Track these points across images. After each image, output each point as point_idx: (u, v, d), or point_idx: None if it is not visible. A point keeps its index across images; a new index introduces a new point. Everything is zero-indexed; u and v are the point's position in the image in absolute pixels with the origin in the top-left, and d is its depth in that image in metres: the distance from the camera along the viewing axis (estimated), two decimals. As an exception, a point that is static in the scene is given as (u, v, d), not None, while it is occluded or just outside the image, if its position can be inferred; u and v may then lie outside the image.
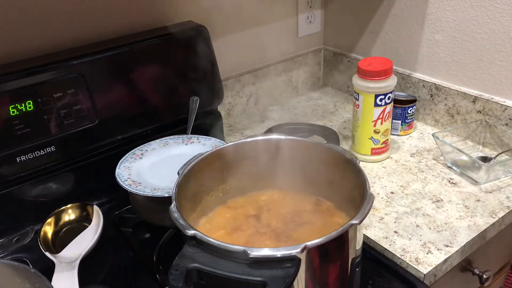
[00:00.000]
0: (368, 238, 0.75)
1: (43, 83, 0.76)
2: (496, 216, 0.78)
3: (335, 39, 1.25)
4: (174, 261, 0.49)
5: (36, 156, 0.76)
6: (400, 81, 1.08)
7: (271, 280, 0.47)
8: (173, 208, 0.55)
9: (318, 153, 0.68)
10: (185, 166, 0.64)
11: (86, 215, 0.79)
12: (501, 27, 0.89)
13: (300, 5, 1.18)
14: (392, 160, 0.95)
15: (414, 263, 0.69)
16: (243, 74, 1.14)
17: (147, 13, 0.94)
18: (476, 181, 0.86)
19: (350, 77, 1.21)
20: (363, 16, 1.14)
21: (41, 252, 0.71)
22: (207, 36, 0.92)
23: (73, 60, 0.79)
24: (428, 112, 1.06)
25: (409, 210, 0.80)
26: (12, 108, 0.73)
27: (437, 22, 0.99)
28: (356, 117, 0.93)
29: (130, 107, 0.85)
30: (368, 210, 0.54)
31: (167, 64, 0.88)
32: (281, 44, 1.20)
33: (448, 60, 1.00)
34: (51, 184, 0.80)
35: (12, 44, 0.81)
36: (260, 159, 0.70)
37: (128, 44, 0.84)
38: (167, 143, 0.85)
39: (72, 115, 0.78)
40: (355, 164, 0.62)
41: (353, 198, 0.61)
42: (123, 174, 0.76)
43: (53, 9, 0.83)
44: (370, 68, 0.87)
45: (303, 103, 1.23)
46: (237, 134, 1.10)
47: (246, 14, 1.10)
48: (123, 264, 0.74)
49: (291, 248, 0.48)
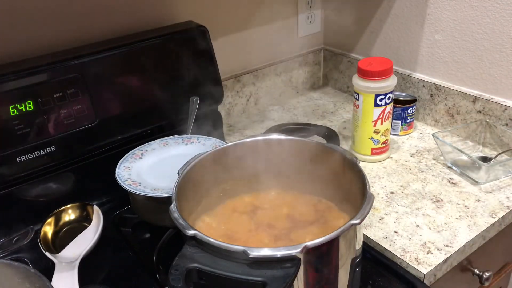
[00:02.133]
0: (368, 238, 0.75)
1: (43, 83, 0.76)
2: (496, 216, 0.78)
3: (335, 39, 1.25)
4: (174, 261, 0.49)
5: (36, 156, 0.76)
6: (400, 81, 1.08)
7: (271, 280, 0.47)
8: (173, 208, 0.55)
9: (318, 153, 0.68)
10: (185, 166, 0.64)
11: (86, 215, 0.79)
12: (501, 27, 0.89)
13: (300, 5, 1.18)
14: (392, 160, 0.95)
15: (414, 263, 0.69)
16: (243, 74, 1.14)
17: (147, 13, 0.94)
18: (476, 181, 0.86)
19: (350, 77, 1.21)
20: (363, 16, 1.14)
21: (41, 252, 0.71)
22: (207, 36, 0.92)
23: (73, 60, 0.79)
24: (428, 112, 1.06)
25: (409, 210, 0.80)
26: (12, 108, 0.73)
27: (437, 22, 0.99)
28: (356, 117, 0.93)
29: (130, 107, 0.85)
30: (368, 210, 0.54)
31: (167, 64, 0.88)
32: (281, 44, 1.20)
33: (448, 60, 1.00)
34: (51, 184, 0.80)
35: (12, 44, 0.81)
36: (260, 159, 0.70)
37: (128, 44, 0.84)
38: (167, 143, 0.85)
39: (72, 115, 0.78)
40: (355, 164, 0.62)
41: (353, 198, 0.62)
42: (123, 174, 0.76)
43: (53, 9, 0.83)
44: (370, 68, 0.87)
45: (303, 103, 1.23)
46: (237, 134, 1.10)
47: (246, 14, 1.10)
48: (123, 264, 0.74)
49: (291, 248, 0.48)
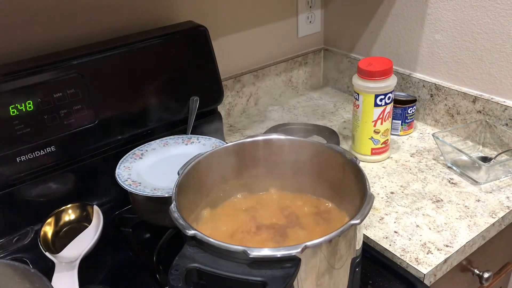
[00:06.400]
0: (368, 238, 0.75)
1: (43, 83, 0.76)
2: (496, 216, 0.78)
3: (335, 39, 1.25)
4: (174, 261, 0.49)
5: (36, 156, 0.76)
6: (400, 81, 1.08)
7: (271, 280, 0.47)
8: (173, 208, 0.55)
9: (318, 153, 0.68)
10: (185, 166, 0.64)
11: (86, 215, 0.79)
12: (501, 27, 0.89)
13: (300, 5, 1.18)
14: (392, 160, 0.95)
15: (414, 263, 0.69)
16: (243, 74, 1.14)
17: (147, 13, 0.94)
18: (476, 181, 0.86)
19: (350, 77, 1.22)
20: (363, 16, 1.14)
21: (41, 252, 0.70)
22: (207, 36, 0.92)
23: (73, 60, 0.79)
24: (428, 112, 1.06)
25: (409, 210, 0.80)
26: (12, 108, 0.73)
27: (437, 22, 0.99)
28: (356, 117, 0.93)
29: (130, 107, 0.85)
30: (368, 210, 0.54)
31: (167, 64, 0.88)
32: (281, 44, 1.20)
33: (448, 60, 1.00)
34: (51, 184, 0.80)
35: (12, 44, 0.81)
36: (260, 159, 0.70)
37: (128, 44, 0.84)
38: (167, 143, 0.85)
39: (72, 115, 0.78)
40: (355, 164, 0.62)
41: (353, 198, 0.61)
42: (123, 174, 0.76)
43: (52, 9, 0.83)
44: (370, 68, 0.87)
45: (303, 103, 1.23)
46: (237, 134, 1.10)
47: (246, 14, 1.10)
48: (123, 264, 0.74)
49: (291, 248, 0.48)
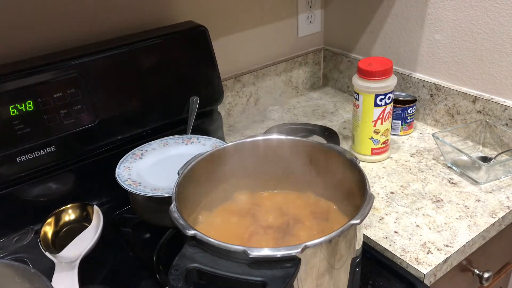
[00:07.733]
0: (368, 238, 0.75)
1: (43, 83, 0.76)
2: (496, 216, 0.78)
3: (335, 39, 1.25)
4: (174, 261, 0.49)
5: (36, 156, 0.76)
6: (400, 81, 1.08)
7: (271, 280, 0.47)
8: (173, 208, 0.55)
9: (318, 153, 0.68)
10: (185, 166, 0.64)
11: (86, 215, 0.79)
12: (501, 27, 0.89)
13: (300, 5, 1.18)
14: (392, 160, 0.95)
15: (414, 263, 0.69)
16: (243, 74, 1.14)
17: (147, 13, 0.94)
18: (476, 181, 0.86)
19: (350, 77, 1.22)
20: (363, 16, 1.14)
21: (41, 252, 0.70)
22: (207, 36, 0.92)
23: (73, 60, 0.79)
24: (428, 112, 1.06)
25: (409, 210, 0.80)
26: (12, 108, 0.73)
27: (437, 22, 0.99)
28: (356, 117, 0.93)
29: (130, 107, 0.85)
30: (368, 210, 0.54)
31: (167, 64, 0.88)
32: (281, 44, 1.20)
33: (448, 60, 1.00)
34: (51, 184, 0.80)
35: (12, 44, 0.81)
36: (260, 159, 0.70)
37: (128, 44, 0.84)
38: (167, 143, 0.85)
39: (72, 115, 0.78)
40: (355, 164, 0.62)
41: (353, 198, 0.62)
42: (123, 174, 0.76)
43: (53, 9, 0.83)
44: (370, 68, 0.87)
45: (303, 103, 1.23)
46: (237, 134, 1.10)
47: (246, 14, 1.10)
48: (123, 264, 0.74)
49: (291, 248, 0.48)
